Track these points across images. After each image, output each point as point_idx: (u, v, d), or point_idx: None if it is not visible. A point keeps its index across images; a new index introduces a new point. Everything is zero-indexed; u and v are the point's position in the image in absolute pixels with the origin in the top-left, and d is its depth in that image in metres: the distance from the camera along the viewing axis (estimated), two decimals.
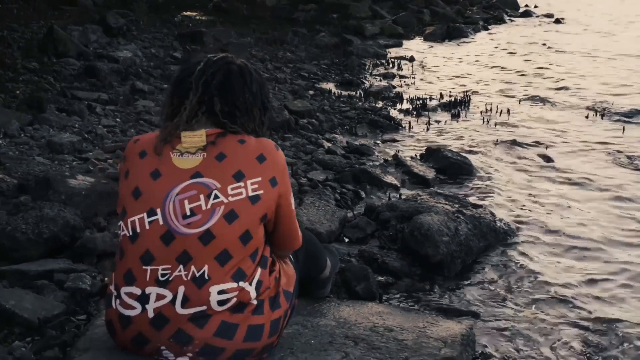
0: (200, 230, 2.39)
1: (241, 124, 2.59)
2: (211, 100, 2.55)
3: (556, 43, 15.69)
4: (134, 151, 2.58)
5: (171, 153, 2.49)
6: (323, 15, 18.19)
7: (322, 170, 6.34)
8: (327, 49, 14.20)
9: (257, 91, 2.66)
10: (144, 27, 14.01)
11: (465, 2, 22.85)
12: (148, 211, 2.43)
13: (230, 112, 2.57)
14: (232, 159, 2.46)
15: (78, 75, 9.04)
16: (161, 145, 2.51)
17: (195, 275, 2.38)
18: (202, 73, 2.56)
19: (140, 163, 2.51)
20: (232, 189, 2.42)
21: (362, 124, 8.45)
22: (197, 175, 2.44)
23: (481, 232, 4.84)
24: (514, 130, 8.36)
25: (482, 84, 11.33)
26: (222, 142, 2.50)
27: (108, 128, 6.90)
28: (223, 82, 2.57)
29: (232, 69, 2.63)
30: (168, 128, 2.54)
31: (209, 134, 2.51)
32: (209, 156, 2.46)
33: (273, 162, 2.50)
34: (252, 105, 2.62)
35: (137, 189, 2.47)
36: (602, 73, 12.07)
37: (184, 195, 2.42)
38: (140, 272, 2.42)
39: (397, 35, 16.84)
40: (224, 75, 2.59)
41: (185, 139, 2.49)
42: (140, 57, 10.71)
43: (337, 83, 11.13)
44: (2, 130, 6.23)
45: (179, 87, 2.63)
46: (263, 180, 2.46)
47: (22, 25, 12.18)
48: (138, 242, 2.43)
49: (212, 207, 2.39)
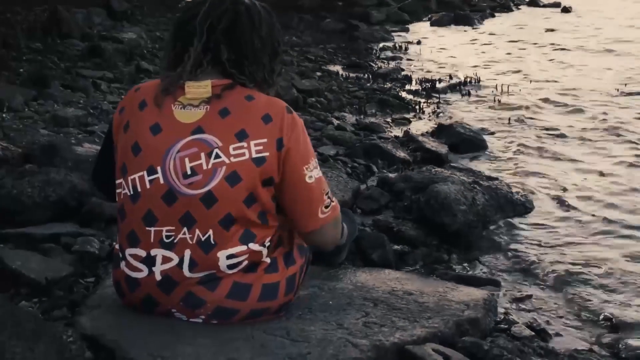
0: (202, 191, 2.24)
1: (249, 73, 2.40)
2: (217, 47, 2.35)
3: (563, 29, 15.55)
4: (134, 101, 2.40)
5: (173, 105, 2.32)
6: (328, 2, 18.05)
7: (332, 145, 6.22)
8: (333, 34, 14.06)
9: (267, 35, 2.44)
10: (147, 12, 13.88)
11: None
12: (148, 169, 2.28)
13: (237, 61, 2.37)
14: (236, 116, 2.28)
15: (82, 56, 8.93)
16: (162, 97, 2.34)
17: (201, 239, 2.25)
18: (207, 15, 2.35)
19: (140, 115, 2.35)
20: (234, 149, 2.25)
21: (371, 103, 8.32)
22: (198, 130, 2.27)
23: (498, 203, 4.73)
24: (526, 108, 8.23)
25: (491, 66, 11.21)
26: (228, 96, 2.31)
27: (113, 104, 6.77)
28: (230, 27, 2.36)
29: (239, 10, 2.40)
30: (170, 77, 2.36)
31: (215, 85, 2.32)
32: (212, 110, 2.29)
33: (280, 123, 2.30)
34: (261, 51, 2.42)
35: (137, 144, 2.31)
36: (613, 57, 11.92)
37: (185, 152, 2.26)
38: (144, 233, 2.29)
39: (403, 22, 16.71)
40: (231, 18, 2.37)
41: (189, 89, 2.31)
42: (145, 39, 10.59)
43: (344, 66, 11.00)
44: (6, 105, 6.12)
45: (181, 31, 2.43)
46: (268, 142, 2.28)
47: (24, 8, 12.04)
48: (140, 202, 2.30)
49: (213, 167, 2.24)
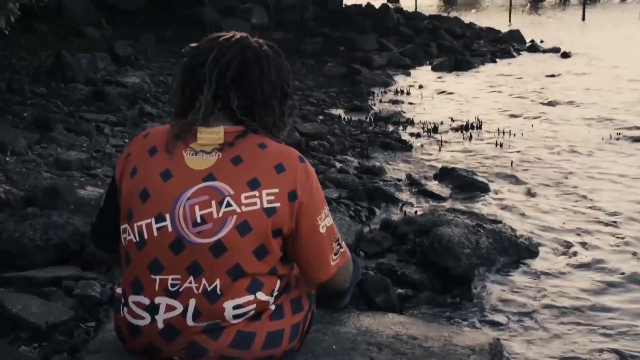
0: (211, 240, 2.20)
1: (260, 119, 2.37)
2: (227, 95, 2.32)
3: (563, 75, 15.64)
4: (143, 147, 2.35)
5: (184, 151, 2.28)
6: (330, 47, 18.22)
7: (334, 188, 6.22)
8: (335, 78, 14.16)
9: (276, 79, 2.40)
10: (151, 56, 14.01)
11: (472, 36, 22.89)
12: (156, 216, 2.23)
13: (247, 107, 2.34)
14: (249, 164, 2.25)
15: (86, 99, 9.00)
16: (173, 142, 2.31)
17: (207, 289, 2.21)
18: (216, 63, 2.31)
19: (149, 161, 2.30)
20: (246, 198, 2.21)
21: (373, 146, 8.35)
22: (210, 177, 2.23)
23: (502, 246, 4.70)
24: (528, 152, 8.23)
25: (492, 110, 11.25)
26: (240, 144, 2.28)
27: (117, 147, 6.80)
28: (239, 74, 2.32)
29: (247, 56, 2.37)
30: (181, 124, 2.34)
31: (228, 132, 2.28)
32: (224, 158, 2.25)
33: (293, 174, 2.26)
34: (270, 96, 2.38)
35: (146, 190, 2.27)
36: (613, 100, 11.97)
37: (195, 200, 2.21)
38: (149, 281, 2.25)
39: (404, 67, 16.82)
40: (240, 65, 2.33)
41: (201, 135, 2.28)
42: (148, 84, 10.68)
43: (346, 109, 11.06)
44: (9, 148, 6.13)
45: (190, 77, 2.40)
46: (280, 193, 2.23)
47: (30, 54, 12.19)
48: (146, 250, 2.25)
49: (224, 216, 2.19)
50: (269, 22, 20.19)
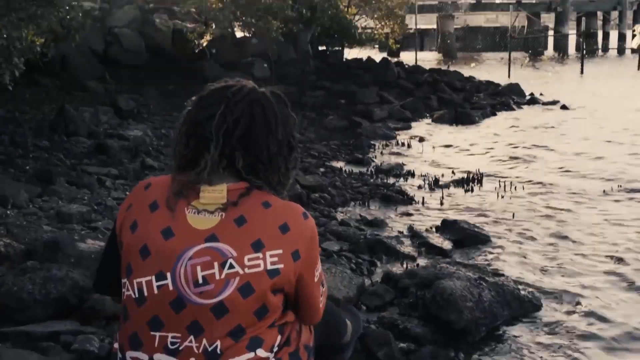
0: (213, 301, 2.16)
1: (264, 177, 2.33)
2: (233, 154, 2.30)
3: (563, 127, 15.74)
4: (144, 200, 2.31)
5: (186, 209, 2.24)
6: (331, 100, 18.38)
7: (336, 240, 6.20)
8: (337, 130, 14.24)
9: (283, 136, 2.34)
10: (154, 110, 14.12)
11: (472, 89, 23.09)
12: (157, 274, 2.19)
13: (253, 166, 2.32)
14: (253, 225, 2.21)
15: (88, 153, 9.04)
16: (175, 200, 2.30)
17: (208, 349, 2.16)
18: (224, 120, 2.25)
19: (150, 217, 2.25)
20: (249, 260, 2.17)
21: (374, 199, 8.35)
22: (212, 238, 2.19)
23: (505, 299, 4.65)
24: (529, 203, 8.23)
25: (493, 162, 11.29)
26: (244, 203, 2.24)
27: (118, 200, 6.79)
28: (246, 134, 2.28)
29: (255, 113, 2.32)
30: (183, 181, 2.32)
31: (231, 190, 2.25)
32: (227, 218, 2.21)
33: (298, 232, 2.24)
34: (277, 155, 2.33)
35: (146, 247, 2.23)
36: (612, 152, 12.02)
37: (197, 260, 2.18)
38: (148, 337, 2.20)
39: (405, 119, 16.92)
40: (247, 123, 2.28)
41: (204, 194, 2.24)
42: (151, 137, 10.73)
43: (347, 161, 11.10)
44: (11, 201, 6.13)
45: (195, 130, 2.36)
46: (284, 253, 2.20)
47: (33, 108, 12.29)
48: (145, 306, 2.21)
49: (226, 278, 2.15)
50: (271, 75, 20.39)
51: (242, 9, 21.16)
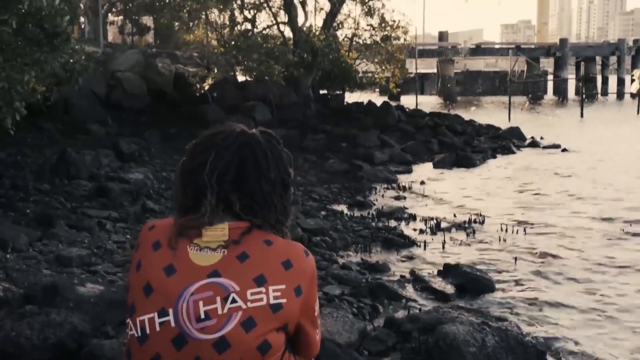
0: (215, 336, 2.15)
1: (262, 216, 2.36)
2: (228, 197, 2.34)
3: (564, 170, 15.77)
4: (147, 240, 2.35)
5: (188, 247, 2.26)
6: (332, 143, 18.42)
7: (337, 284, 6.15)
8: (338, 174, 14.25)
9: (276, 175, 2.40)
10: (155, 153, 14.15)
11: (473, 132, 23.17)
12: (159, 311, 2.18)
13: (249, 207, 2.35)
14: (255, 261, 2.22)
15: (89, 196, 9.02)
16: (177, 239, 2.31)
17: None
18: (215, 167, 2.29)
19: (153, 256, 2.28)
20: (251, 294, 2.17)
21: (376, 242, 8.31)
22: (214, 274, 2.20)
23: (509, 345, 4.57)
24: (531, 246, 8.19)
25: (494, 205, 11.25)
26: (246, 241, 2.26)
27: (118, 244, 6.77)
28: (237, 177, 2.33)
29: (245, 156, 2.37)
30: (185, 222, 2.34)
31: (232, 229, 2.27)
32: (230, 254, 2.22)
33: (300, 269, 2.24)
34: (271, 194, 2.37)
35: (149, 284, 2.24)
36: (613, 195, 12.00)
37: (199, 295, 2.18)
38: None
39: (406, 163, 16.94)
40: (237, 167, 2.34)
41: (206, 232, 2.25)
42: (152, 180, 10.74)
43: (348, 205, 11.08)
44: (11, 245, 6.10)
45: (190, 179, 2.40)
46: (287, 289, 2.20)
47: (35, 151, 12.32)
48: (147, 344, 2.20)
49: (228, 312, 2.15)
50: (272, 119, 20.49)
51: (243, 53, 21.37)
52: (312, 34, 23.60)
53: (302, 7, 25.37)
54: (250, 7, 23.64)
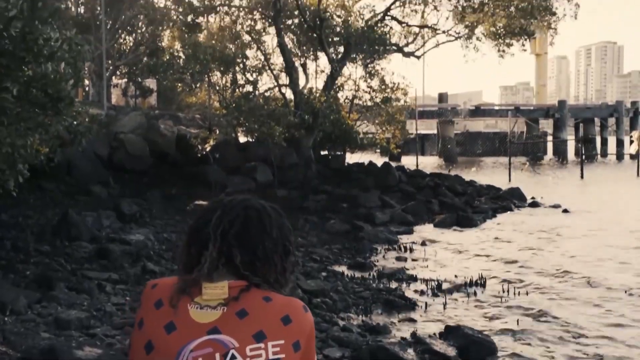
0: None
1: (262, 275, 2.40)
2: (230, 251, 2.38)
3: (565, 231, 15.76)
4: (150, 299, 2.39)
5: (189, 305, 2.30)
6: (333, 204, 18.46)
7: (337, 347, 6.10)
8: (339, 234, 14.24)
9: (277, 236, 2.48)
10: (156, 214, 14.17)
11: (473, 193, 23.24)
12: None
13: (250, 263, 2.40)
14: (255, 317, 2.27)
15: (89, 257, 9.02)
16: (178, 297, 2.34)
17: None
18: (220, 221, 2.41)
19: (155, 314, 2.32)
20: (250, 350, 2.21)
21: (377, 304, 8.26)
22: (214, 330, 2.24)
23: None
24: (532, 307, 8.14)
25: (495, 266, 11.23)
26: (245, 298, 2.31)
27: (117, 306, 6.74)
28: (241, 231, 2.41)
29: (250, 215, 2.46)
30: (186, 280, 2.38)
31: (232, 287, 2.32)
32: (229, 311, 2.27)
33: (299, 325, 2.29)
34: (272, 252, 2.44)
35: (150, 342, 2.27)
36: (614, 256, 11.97)
37: (199, 352, 2.20)
38: None
39: (407, 223, 16.95)
40: (242, 223, 2.43)
41: (206, 290, 2.30)
42: (152, 241, 10.74)
43: (349, 266, 11.04)
44: (9, 307, 6.07)
45: (195, 237, 2.48)
46: (286, 344, 2.24)
47: (37, 212, 12.35)
48: None
49: None
50: (273, 180, 20.58)
51: (245, 114, 21.59)
52: (313, 95, 23.89)
53: (303, 69, 25.80)
54: (252, 69, 24.01)
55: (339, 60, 24.75)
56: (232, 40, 25.15)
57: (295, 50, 26.28)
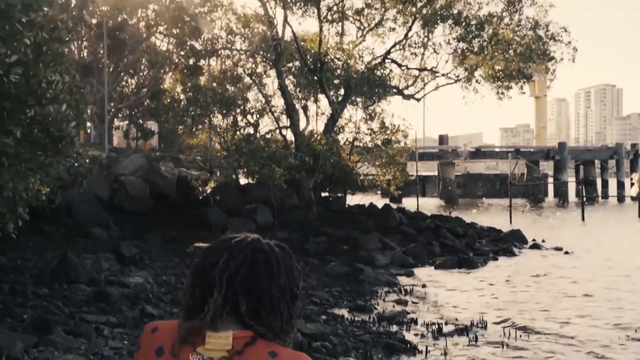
0: None
1: (267, 324, 2.35)
2: (235, 299, 2.33)
3: (567, 274, 15.68)
4: (150, 345, 2.33)
5: (191, 355, 2.25)
6: (334, 246, 18.41)
7: None
8: (339, 277, 14.17)
9: (285, 283, 2.41)
10: (156, 256, 14.13)
11: (474, 235, 23.18)
12: None
13: (256, 312, 2.34)
14: None
15: (88, 300, 8.97)
16: (179, 347, 2.30)
17: None
18: (226, 266, 2.34)
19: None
20: None
21: (377, 348, 8.18)
22: None
23: None
24: (535, 352, 8.06)
25: (496, 309, 11.14)
26: (250, 352, 2.26)
27: (115, 350, 6.68)
28: (248, 278, 2.35)
29: (257, 259, 2.39)
30: (188, 327, 2.33)
31: (236, 338, 2.27)
32: None
33: None
34: (279, 300, 2.38)
35: None
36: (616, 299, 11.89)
37: None
38: None
39: (408, 265, 16.88)
40: (249, 268, 2.36)
41: (209, 339, 2.25)
42: (152, 284, 10.69)
43: (349, 308, 10.97)
44: (5, 353, 6.02)
45: (200, 279, 2.41)
46: None
47: (36, 255, 12.32)
48: None
49: None
50: (274, 222, 20.56)
51: (246, 156, 21.66)
52: (314, 137, 24.01)
53: (304, 111, 25.96)
54: (253, 111, 24.17)
55: (339, 102, 24.94)
56: (233, 83, 25.37)
57: (296, 93, 26.49)
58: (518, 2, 26.72)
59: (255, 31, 24.95)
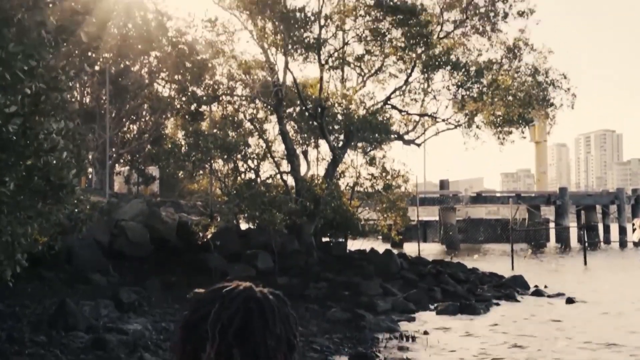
0: None
1: None
2: (230, 351, 2.27)
3: (569, 321, 15.55)
4: None
5: None
6: (334, 292, 18.29)
7: None
8: (340, 323, 14.04)
9: (282, 332, 2.33)
10: (155, 302, 14.02)
11: (476, 280, 23.05)
12: None
13: None
14: None
15: (85, 348, 8.88)
16: None
17: None
18: (218, 317, 2.27)
19: None
20: None
21: None
22: None
23: None
24: None
25: (499, 357, 11.01)
26: None
27: None
28: (241, 329, 2.29)
29: (250, 309, 2.33)
30: None
31: None
32: None
33: None
34: (275, 351, 2.32)
35: None
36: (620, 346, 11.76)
37: None
38: None
39: (409, 311, 16.76)
40: (243, 318, 2.29)
41: None
42: (150, 330, 10.59)
43: (350, 356, 10.85)
44: None
45: (191, 334, 2.35)
46: None
47: (34, 301, 12.22)
48: None
49: None
50: (274, 267, 20.45)
51: (246, 202, 21.66)
52: (315, 182, 24.04)
53: (305, 156, 26.04)
54: (254, 157, 24.25)
55: (340, 147, 25.04)
56: (234, 128, 25.51)
57: (297, 138, 26.60)
58: (517, 49, 26.99)
59: (256, 77, 25.16)
